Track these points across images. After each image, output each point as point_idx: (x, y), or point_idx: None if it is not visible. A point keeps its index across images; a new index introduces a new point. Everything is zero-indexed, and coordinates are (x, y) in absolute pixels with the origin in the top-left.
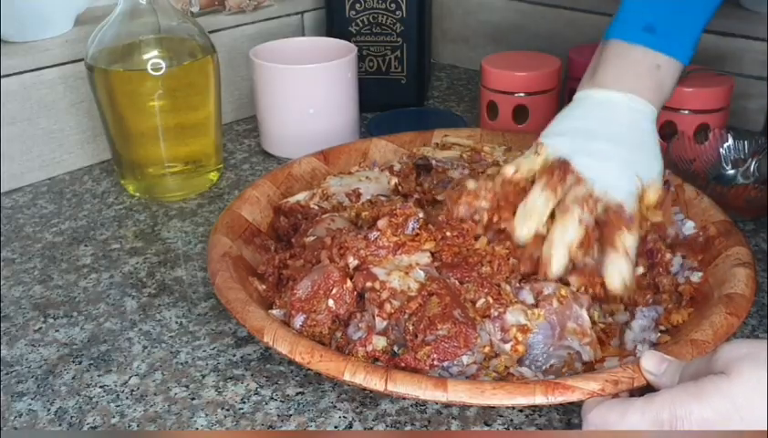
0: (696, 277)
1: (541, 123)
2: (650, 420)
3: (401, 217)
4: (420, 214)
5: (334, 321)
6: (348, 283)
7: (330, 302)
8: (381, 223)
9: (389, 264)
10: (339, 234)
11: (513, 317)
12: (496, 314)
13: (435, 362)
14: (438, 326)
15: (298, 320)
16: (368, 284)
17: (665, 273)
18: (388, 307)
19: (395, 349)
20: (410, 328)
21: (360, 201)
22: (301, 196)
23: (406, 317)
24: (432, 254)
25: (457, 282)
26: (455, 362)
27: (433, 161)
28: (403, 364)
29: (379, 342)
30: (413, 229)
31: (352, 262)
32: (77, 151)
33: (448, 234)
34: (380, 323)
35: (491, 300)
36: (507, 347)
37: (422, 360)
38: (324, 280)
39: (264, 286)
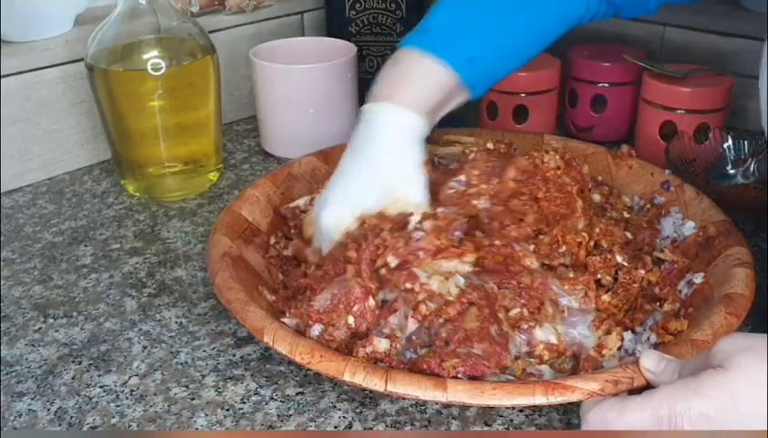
0: (698, 279)
1: (541, 123)
2: (649, 417)
3: (445, 221)
4: (464, 220)
5: (352, 337)
6: (371, 301)
7: (350, 319)
8: (427, 224)
9: (428, 267)
10: (369, 239)
11: (544, 334)
12: (525, 327)
13: (459, 375)
14: (474, 344)
15: (315, 329)
16: (408, 285)
17: (670, 285)
18: (423, 308)
19: (417, 350)
20: (444, 334)
21: None
22: (301, 201)
23: (441, 322)
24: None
25: (495, 286)
26: None
27: (435, 158)
28: (425, 366)
29: (381, 344)
30: (456, 236)
31: (392, 261)
32: (77, 151)
33: (497, 242)
34: (413, 325)
35: (525, 312)
36: (532, 360)
37: (447, 370)
38: (345, 295)
39: (273, 298)
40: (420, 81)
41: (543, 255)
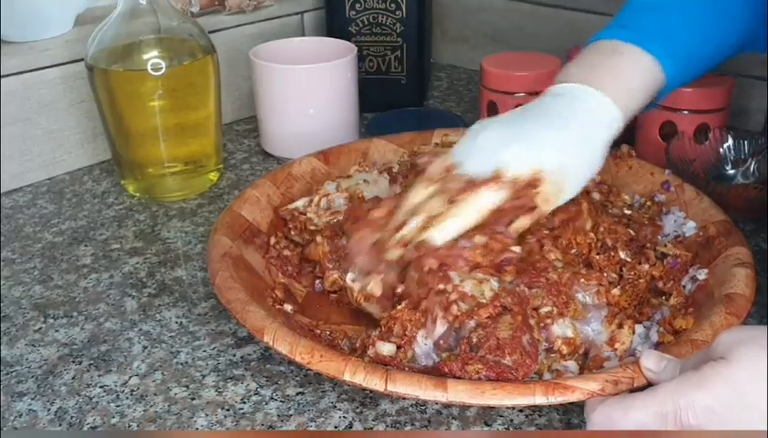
0: (702, 275)
1: None
2: (654, 413)
3: (499, 246)
4: (518, 249)
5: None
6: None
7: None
8: (479, 238)
9: (462, 273)
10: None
11: (560, 329)
12: (542, 325)
13: (482, 379)
14: (506, 355)
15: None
16: (440, 286)
17: (674, 280)
18: (454, 308)
19: (441, 354)
20: (474, 339)
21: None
22: (300, 203)
23: (472, 325)
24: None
25: (526, 289)
26: None
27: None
28: (447, 369)
29: (384, 347)
30: (503, 266)
31: (432, 264)
32: (77, 151)
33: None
34: (441, 327)
35: (555, 311)
36: (552, 356)
37: (470, 373)
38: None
39: (291, 307)
40: (632, 75)
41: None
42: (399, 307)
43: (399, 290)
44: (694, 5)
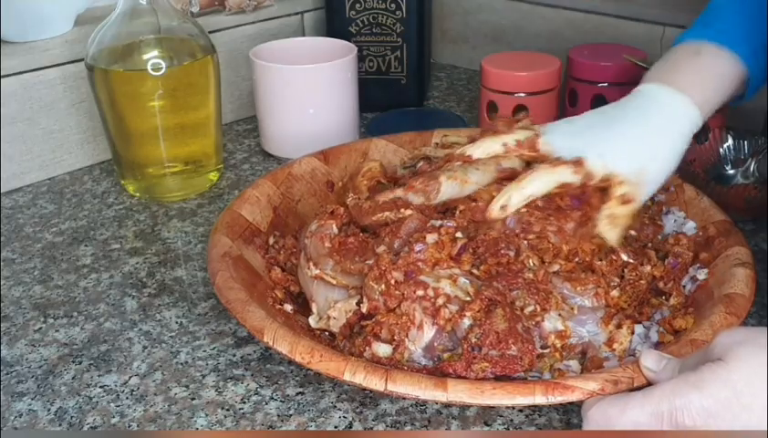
0: (702, 275)
1: (541, 123)
2: (650, 413)
3: (447, 236)
4: (461, 235)
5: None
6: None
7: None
8: (431, 238)
9: (431, 274)
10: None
11: (551, 324)
12: (533, 323)
13: (489, 376)
14: (510, 345)
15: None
16: (419, 292)
17: (675, 280)
18: (445, 312)
19: (441, 354)
20: (473, 339)
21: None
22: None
23: (467, 325)
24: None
25: (500, 286)
26: None
27: (436, 160)
28: (450, 370)
29: (380, 349)
30: (460, 252)
31: (398, 276)
32: (77, 151)
33: (489, 261)
34: (429, 332)
35: (538, 308)
36: (547, 352)
37: (476, 372)
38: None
39: (291, 307)
40: (711, 74)
41: (563, 269)
42: (368, 323)
43: (363, 309)
44: None
